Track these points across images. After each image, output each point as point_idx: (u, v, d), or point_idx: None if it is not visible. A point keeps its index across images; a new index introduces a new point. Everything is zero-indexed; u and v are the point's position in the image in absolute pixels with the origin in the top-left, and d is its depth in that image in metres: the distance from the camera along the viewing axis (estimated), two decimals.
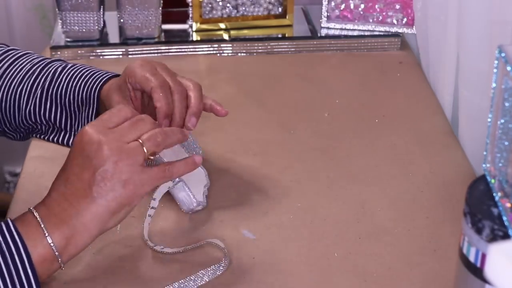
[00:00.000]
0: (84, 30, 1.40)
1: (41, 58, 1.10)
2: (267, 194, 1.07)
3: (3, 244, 0.82)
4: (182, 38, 1.45)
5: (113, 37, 1.44)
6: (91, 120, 1.06)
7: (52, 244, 0.84)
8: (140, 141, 0.86)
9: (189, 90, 1.00)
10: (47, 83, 1.06)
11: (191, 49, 1.43)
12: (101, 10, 1.40)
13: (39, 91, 1.06)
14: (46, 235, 0.84)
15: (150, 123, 0.88)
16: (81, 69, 1.07)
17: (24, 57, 1.10)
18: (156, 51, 1.42)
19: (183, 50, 1.43)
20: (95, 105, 1.05)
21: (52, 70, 1.07)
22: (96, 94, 1.05)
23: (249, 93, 1.31)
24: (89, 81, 1.05)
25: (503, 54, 0.74)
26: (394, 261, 0.95)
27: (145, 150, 0.86)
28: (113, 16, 1.45)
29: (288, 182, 1.09)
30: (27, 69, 1.07)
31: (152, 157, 0.87)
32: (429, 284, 0.92)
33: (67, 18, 1.39)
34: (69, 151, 0.87)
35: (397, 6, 1.44)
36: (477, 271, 0.74)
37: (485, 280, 0.73)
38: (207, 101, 1.03)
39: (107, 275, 0.92)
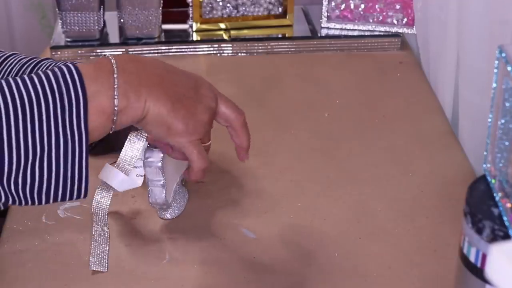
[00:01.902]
0: (84, 30, 1.40)
1: (29, 58, 1.09)
2: (267, 194, 1.07)
3: (61, 81, 0.77)
4: (182, 38, 1.45)
5: (113, 37, 1.44)
6: None
7: (116, 98, 0.79)
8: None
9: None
10: None
11: (191, 49, 1.43)
12: (101, 10, 1.40)
13: None
14: (116, 86, 0.79)
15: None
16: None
17: (12, 57, 1.09)
18: (156, 51, 1.42)
19: (183, 50, 1.43)
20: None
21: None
22: None
23: (249, 93, 1.31)
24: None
25: (503, 54, 0.74)
26: (394, 261, 0.95)
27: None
28: (113, 16, 1.45)
29: (288, 182, 1.09)
30: (16, 70, 1.07)
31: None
32: (429, 284, 0.92)
33: (67, 18, 1.39)
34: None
35: (397, 6, 1.44)
36: (477, 271, 0.74)
37: (485, 280, 0.73)
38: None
39: (106, 275, 0.92)
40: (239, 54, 1.44)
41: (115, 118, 0.80)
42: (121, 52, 1.41)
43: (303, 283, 0.92)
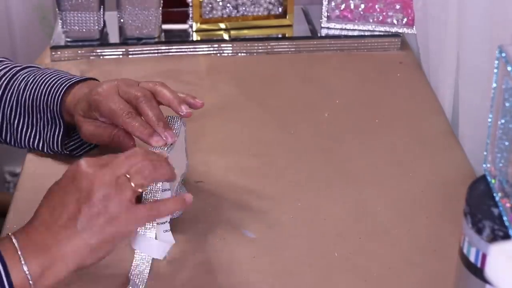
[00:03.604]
0: (84, 30, 1.40)
1: (9, 68, 1.10)
2: (267, 194, 1.07)
3: None
4: (182, 38, 1.45)
5: (113, 37, 1.44)
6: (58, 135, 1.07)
7: (27, 272, 0.81)
8: (128, 175, 0.83)
9: (156, 89, 1.00)
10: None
11: (191, 49, 1.43)
12: (101, 10, 1.40)
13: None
14: (23, 262, 0.81)
15: (141, 155, 0.86)
16: (42, 80, 1.07)
17: None
18: (156, 51, 1.42)
19: (183, 50, 1.43)
20: (60, 122, 1.06)
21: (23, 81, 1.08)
22: (58, 109, 1.06)
23: (249, 93, 1.31)
24: (51, 93, 1.06)
25: (503, 54, 0.74)
26: (394, 261, 0.95)
27: (133, 185, 0.83)
28: (113, 16, 1.45)
29: (288, 182, 1.09)
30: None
31: (140, 190, 0.84)
32: (429, 284, 0.92)
33: (67, 18, 1.39)
34: (59, 180, 0.85)
35: (397, 6, 1.44)
36: (477, 271, 0.74)
37: (485, 280, 0.73)
38: (180, 95, 1.02)
39: (106, 276, 0.92)
40: (239, 54, 1.44)
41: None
42: (121, 52, 1.41)
43: (303, 283, 0.92)
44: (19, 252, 0.81)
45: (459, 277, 0.77)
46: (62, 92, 1.05)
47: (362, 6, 1.45)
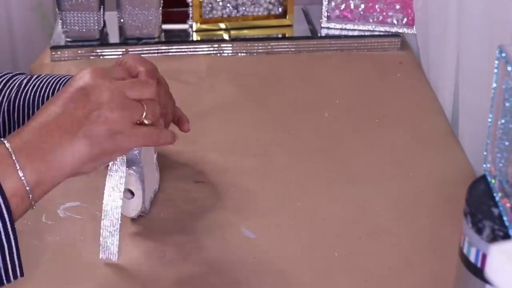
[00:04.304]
0: (84, 30, 1.40)
1: (3, 73, 1.09)
2: (267, 194, 1.07)
3: None
4: (182, 38, 1.45)
5: (113, 37, 1.44)
6: None
7: (23, 178, 0.78)
8: (144, 105, 0.85)
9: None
10: (13, 95, 1.04)
11: (191, 49, 1.43)
12: (101, 10, 1.40)
13: (6, 104, 1.03)
14: (18, 168, 0.78)
15: (150, 89, 0.87)
16: (47, 77, 1.06)
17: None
18: (156, 51, 1.42)
19: (183, 50, 1.43)
20: None
21: (18, 83, 1.06)
22: None
23: (249, 93, 1.31)
24: (56, 86, 1.04)
25: (503, 54, 0.74)
26: (394, 261, 0.95)
27: (143, 115, 0.85)
28: (113, 16, 1.45)
29: (288, 182, 1.09)
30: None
31: (147, 122, 0.86)
32: (429, 284, 0.92)
33: (67, 18, 1.39)
34: (65, 86, 0.84)
35: (397, 6, 1.44)
36: (477, 271, 0.74)
37: (485, 281, 0.73)
38: (177, 111, 1.05)
39: (106, 276, 0.92)
40: (239, 54, 1.44)
41: (30, 196, 0.79)
42: (121, 52, 1.41)
43: (303, 283, 0.92)
44: (14, 158, 0.78)
45: (459, 277, 0.77)
46: (64, 82, 1.04)
47: (362, 6, 1.45)
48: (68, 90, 0.83)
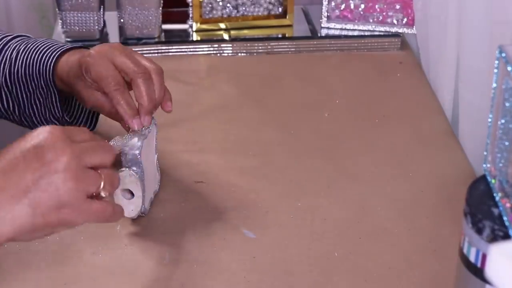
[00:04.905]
0: (84, 30, 1.40)
1: (3, 35, 1.09)
2: (267, 194, 1.07)
3: None
4: (182, 38, 1.45)
5: (113, 37, 1.44)
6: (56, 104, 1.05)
7: None
8: (102, 175, 0.77)
9: (152, 73, 0.98)
10: (7, 67, 1.05)
11: (191, 49, 1.43)
12: (101, 10, 1.40)
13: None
14: None
15: (111, 156, 0.78)
16: (38, 50, 1.05)
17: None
18: (156, 51, 1.42)
19: (183, 50, 1.43)
20: (54, 89, 1.04)
21: (12, 53, 1.06)
22: (50, 76, 1.03)
23: (249, 93, 1.31)
24: (42, 59, 1.03)
25: (503, 54, 0.74)
26: (394, 261, 0.95)
27: (101, 186, 0.77)
28: (113, 16, 1.45)
29: (288, 182, 1.09)
30: None
31: (104, 195, 0.78)
32: (429, 284, 0.92)
33: (67, 18, 1.39)
34: (20, 140, 0.75)
35: (397, 6, 1.44)
36: (477, 271, 0.74)
37: (485, 281, 0.73)
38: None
39: (106, 276, 0.92)
40: (239, 54, 1.44)
41: None
42: None
43: (303, 283, 0.92)
44: None
45: (459, 277, 0.77)
46: (54, 59, 1.03)
47: (362, 6, 1.45)
48: (21, 147, 0.75)
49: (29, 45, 1.07)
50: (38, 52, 1.05)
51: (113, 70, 0.98)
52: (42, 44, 1.07)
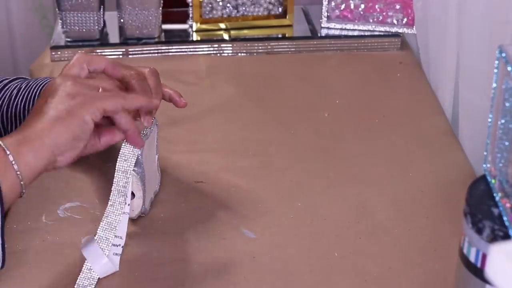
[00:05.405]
0: (84, 30, 1.40)
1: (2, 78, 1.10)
2: (267, 194, 1.07)
3: None
4: (182, 38, 1.45)
5: (113, 37, 1.44)
6: None
7: (18, 173, 0.82)
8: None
9: (146, 75, 0.98)
10: (5, 107, 1.05)
11: (191, 49, 1.43)
12: (101, 10, 1.40)
13: None
14: (13, 163, 0.82)
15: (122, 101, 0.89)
16: (33, 87, 1.07)
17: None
18: (156, 51, 1.42)
19: (183, 50, 1.43)
20: None
21: (8, 94, 1.06)
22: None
23: (249, 93, 1.31)
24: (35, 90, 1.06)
25: (503, 54, 0.74)
26: (394, 261, 0.95)
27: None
28: (113, 16, 1.45)
29: (288, 182, 1.09)
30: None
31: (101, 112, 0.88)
32: (429, 284, 0.92)
33: (67, 18, 1.39)
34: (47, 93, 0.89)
35: (397, 6, 1.44)
36: (477, 271, 0.74)
37: (485, 281, 0.73)
38: (166, 90, 1.01)
39: (106, 275, 0.92)
40: (239, 54, 1.44)
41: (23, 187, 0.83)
42: (121, 52, 1.41)
43: (303, 283, 0.92)
44: (7, 152, 0.83)
45: (459, 277, 0.77)
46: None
47: (362, 6, 1.45)
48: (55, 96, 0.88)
49: (31, 83, 1.07)
50: (39, 86, 1.05)
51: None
52: (44, 80, 1.07)
